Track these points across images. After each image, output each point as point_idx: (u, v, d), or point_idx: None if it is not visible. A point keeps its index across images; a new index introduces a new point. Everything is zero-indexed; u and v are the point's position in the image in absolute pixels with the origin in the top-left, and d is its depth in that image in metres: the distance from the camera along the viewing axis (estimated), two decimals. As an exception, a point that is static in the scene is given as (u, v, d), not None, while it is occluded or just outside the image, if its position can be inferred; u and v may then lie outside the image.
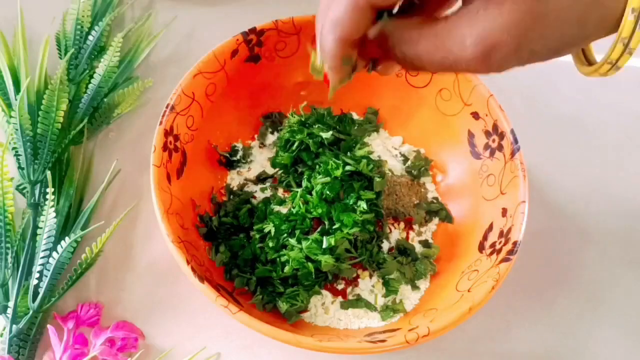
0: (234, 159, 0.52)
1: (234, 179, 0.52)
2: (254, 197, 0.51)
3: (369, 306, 0.46)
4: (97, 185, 0.50)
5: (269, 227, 0.46)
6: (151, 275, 0.48)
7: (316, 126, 0.51)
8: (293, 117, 0.51)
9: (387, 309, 0.46)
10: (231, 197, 0.50)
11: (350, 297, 0.47)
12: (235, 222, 0.48)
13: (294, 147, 0.50)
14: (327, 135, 0.50)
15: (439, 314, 0.41)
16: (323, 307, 0.46)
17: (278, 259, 0.45)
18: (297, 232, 0.46)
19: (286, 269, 0.44)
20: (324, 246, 0.44)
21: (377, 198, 0.48)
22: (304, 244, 0.44)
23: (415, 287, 0.47)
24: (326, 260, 0.44)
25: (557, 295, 0.49)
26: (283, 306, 0.44)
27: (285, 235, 0.46)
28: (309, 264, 0.44)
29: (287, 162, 0.50)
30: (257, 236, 0.47)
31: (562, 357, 0.47)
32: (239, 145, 0.52)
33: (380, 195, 0.48)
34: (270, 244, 0.46)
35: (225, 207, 0.49)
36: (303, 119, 0.51)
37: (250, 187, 0.51)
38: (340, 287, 0.47)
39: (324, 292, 0.47)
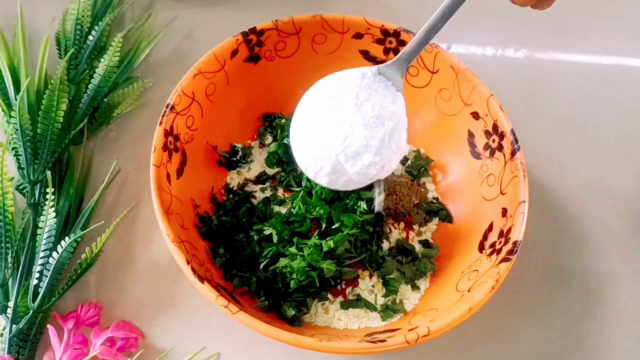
0: (234, 159, 0.52)
1: (233, 178, 0.52)
2: (254, 197, 0.51)
3: (369, 306, 0.46)
4: (97, 185, 0.50)
5: (269, 230, 0.46)
6: (151, 275, 0.48)
7: None
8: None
9: (387, 309, 0.46)
10: (230, 196, 0.50)
11: (350, 297, 0.47)
12: (234, 222, 0.48)
13: (278, 135, 0.52)
14: None
15: (439, 314, 0.41)
16: (323, 307, 0.46)
17: (278, 270, 0.45)
18: (296, 239, 0.46)
19: (292, 283, 0.44)
20: (323, 250, 0.44)
21: (377, 198, 0.48)
22: (305, 251, 0.44)
23: (415, 287, 0.47)
24: (328, 266, 0.44)
25: (557, 295, 0.49)
26: (290, 311, 0.44)
27: (285, 242, 0.46)
28: (313, 272, 0.44)
29: (276, 149, 0.51)
30: (256, 237, 0.47)
31: (562, 357, 0.47)
32: (239, 146, 0.52)
33: (380, 195, 0.48)
34: (269, 252, 0.45)
35: (224, 206, 0.49)
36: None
37: (250, 187, 0.51)
38: (340, 287, 0.47)
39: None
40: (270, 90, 0.53)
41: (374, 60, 0.52)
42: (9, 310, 0.43)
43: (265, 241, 0.47)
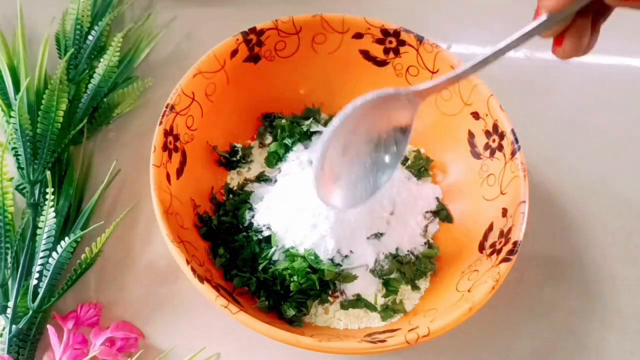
0: (234, 159, 0.52)
1: (233, 178, 0.52)
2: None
3: (369, 306, 0.46)
4: (96, 185, 0.50)
5: (269, 232, 0.46)
6: (151, 275, 0.48)
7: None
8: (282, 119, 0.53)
9: (387, 309, 0.45)
10: (230, 196, 0.50)
11: (350, 298, 0.47)
12: (234, 222, 0.48)
13: (278, 135, 0.52)
14: (307, 122, 0.52)
15: (439, 314, 0.41)
16: (323, 308, 0.46)
17: (277, 273, 0.44)
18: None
19: (292, 286, 0.44)
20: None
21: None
22: (305, 252, 0.44)
23: (415, 287, 0.47)
24: (329, 268, 0.44)
25: (557, 295, 0.49)
26: (290, 312, 0.44)
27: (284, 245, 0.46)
28: (313, 275, 0.44)
29: (276, 149, 0.51)
30: (255, 238, 0.46)
31: (562, 357, 0.47)
32: (239, 146, 0.52)
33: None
34: (268, 254, 0.45)
35: (224, 206, 0.49)
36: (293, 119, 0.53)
37: (250, 187, 0.51)
38: (340, 288, 0.47)
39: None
40: (270, 90, 0.53)
41: (374, 60, 0.52)
42: (9, 311, 0.43)
43: (265, 242, 0.46)
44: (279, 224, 0.46)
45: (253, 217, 0.47)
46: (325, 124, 0.54)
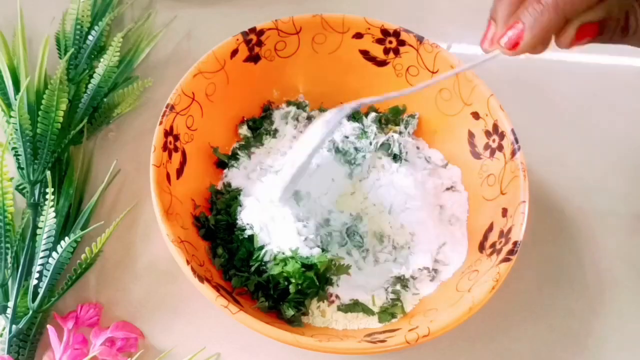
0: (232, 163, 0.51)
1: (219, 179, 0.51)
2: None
3: (367, 310, 0.45)
4: (96, 185, 0.50)
5: (250, 232, 0.46)
6: (151, 275, 0.48)
7: None
8: None
9: (385, 312, 0.45)
10: (218, 196, 0.50)
11: (347, 301, 0.46)
12: (230, 220, 0.47)
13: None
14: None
15: (439, 314, 0.41)
16: (319, 310, 0.45)
17: (271, 277, 0.44)
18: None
19: (291, 287, 0.43)
20: None
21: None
22: (292, 252, 0.44)
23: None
24: (320, 259, 0.43)
25: (557, 295, 0.49)
26: (289, 312, 0.44)
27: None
28: (309, 272, 0.43)
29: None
30: (240, 237, 0.46)
31: (562, 357, 0.47)
32: (240, 152, 0.52)
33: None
34: (258, 255, 0.45)
35: (216, 205, 0.48)
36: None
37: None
38: (337, 285, 0.47)
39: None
40: (269, 90, 0.53)
41: (374, 60, 0.52)
42: (9, 311, 0.43)
43: (252, 241, 0.46)
44: (260, 224, 0.45)
45: (241, 213, 0.47)
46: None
